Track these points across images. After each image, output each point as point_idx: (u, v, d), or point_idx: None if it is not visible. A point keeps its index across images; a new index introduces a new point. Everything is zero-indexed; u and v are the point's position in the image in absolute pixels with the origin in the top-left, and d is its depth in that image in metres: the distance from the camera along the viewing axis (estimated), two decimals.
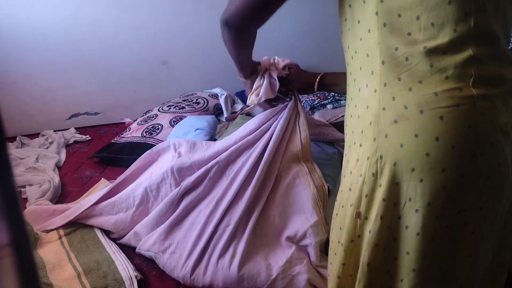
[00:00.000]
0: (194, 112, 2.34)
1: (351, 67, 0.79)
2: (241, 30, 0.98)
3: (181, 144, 1.58)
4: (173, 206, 1.40)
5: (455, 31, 0.65)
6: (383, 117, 0.70)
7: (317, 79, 1.29)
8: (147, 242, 1.40)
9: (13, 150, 2.24)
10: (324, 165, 1.49)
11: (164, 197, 1.43)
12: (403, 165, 0.68)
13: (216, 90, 2.64)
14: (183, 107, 2.37)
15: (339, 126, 2.11)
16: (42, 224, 1.56)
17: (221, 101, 2.50)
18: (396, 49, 0.68)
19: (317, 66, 2.93)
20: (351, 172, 0.77)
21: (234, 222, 1.31)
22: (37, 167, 1.99)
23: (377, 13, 0.68)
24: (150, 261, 1.44)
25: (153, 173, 1.51)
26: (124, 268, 1.32)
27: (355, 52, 0.75)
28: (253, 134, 1.44)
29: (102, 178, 1.95)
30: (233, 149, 1.42)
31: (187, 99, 2.48)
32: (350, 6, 0.74)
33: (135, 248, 1.46)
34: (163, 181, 1.44)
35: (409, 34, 0.67)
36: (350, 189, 0.77)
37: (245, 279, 1.24)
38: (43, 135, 2.48)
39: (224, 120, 2.39)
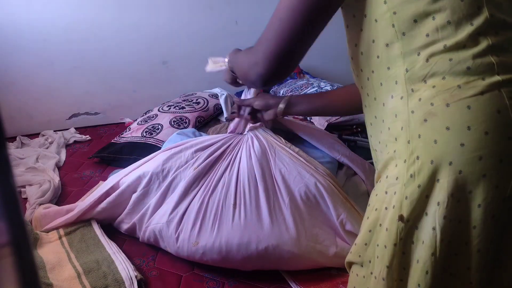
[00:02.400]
0: (194, 112, 2.34)
1: (368, 88, 0.80)
2: (273, 83, 0.89)
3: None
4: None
5: (472, 25, 0.67)
6: (413, 119, 0.71)
7: (283, 100, 1.36)
8: (156, 217, 1.44)
9: (13, 150, 2.24)
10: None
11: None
12: (440, 160, 0.69)
13: (216, 90, 2.63)
14: (183, 107, 2.37)
15: (339, 127, 2.12)
16: (57, 222, 1.57)
17: (221, 101, 2.49)
18: (419, 54, 0.70)
19: (318, 67, 2.94)
20: (387, 177, 0.78)
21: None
22: (37, 167, 1.99)
23: (393, 25, 0.71)
24: (150, 261, 1.44)
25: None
26: (124, 268, 1.32)
27: (372, 71, 0.77)
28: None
29: (101, 181, 1.95)
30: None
31: (187, 99, 2.48)
32: (361, 30, 0.76)
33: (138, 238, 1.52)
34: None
35: (427, 35, 0.69)
36: (386, 192, 0.78)
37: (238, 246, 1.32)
38: (43, 135, 2.48)
39: (224, 120, 2.39)
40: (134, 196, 1.52)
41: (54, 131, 2.53)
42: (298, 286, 1.33)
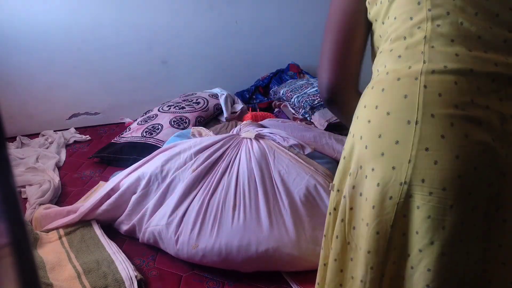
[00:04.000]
0: (194, 112, 2.34)
1: None
2: (344, 94, 0.85)
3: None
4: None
5: (411, 19, 0.72)
6: (360, 102, 0.79)
7: None
8: (156, 218, 1.44)
9: (13, 150, 2.24)
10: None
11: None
12: (357, 134, 0.75)
13: (216, 90, 2.64)
14: (183, 107, 2.37)
15: (339, 126, 2.11)
16: (57, 223, 1.57)
17: (221, 101, 2.50)
18: (378, 48, 0.79)
19: (317, 66, 2.93)
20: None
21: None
22: (37, 167, 1.99)
23: (373, 33, 0.82)
24: (150, 261, 1.44)
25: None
26: (124, 268, 1.32)
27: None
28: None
29: (101, 181, 1.95)
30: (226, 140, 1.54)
31: (187, 99, 2.48)
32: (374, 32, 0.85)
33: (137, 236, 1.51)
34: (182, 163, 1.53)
35: (386, 32, 0.76)
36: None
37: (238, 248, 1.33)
38: (43, 135, 2.48)
39: (224, 120, 2.39)
40: (134, 197, 1.52)
41: (54, 131, 2.53)
42: (299, 286, 1.33)
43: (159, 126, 2.23)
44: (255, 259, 1.31)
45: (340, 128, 2.12)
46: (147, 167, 1.55)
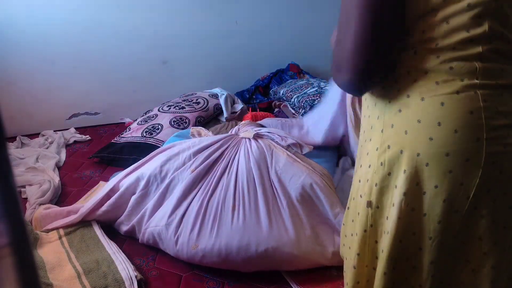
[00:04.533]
0: (194, 112, 2.34)
1: None
2: (370, 87, 0.75)
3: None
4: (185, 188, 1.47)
5: (468, 32, 0.67)
6: (389, 109, 0.73)
7: None
8: (155, 219, 1.44)
9: (13, 150, 2.24)
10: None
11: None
12: (409, 151, 0.70)
13: (216, 90, 2.64)
14: (183, 107, 2.37)
15: None
16: (58, 224, 1.57)
17: (221, 101, 2.50)
18: (412, 48, 0.70)
19: (318, 67, 2.94)
20: (361, 166, 0.80)
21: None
22: (37, 167, 1.99)
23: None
24: (150, 261, 1.44)
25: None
26: (124, 268, 1.32)
27: None
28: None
29: (101, 181, 1.95)
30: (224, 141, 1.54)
31: (187, 99, 2.48)
32: None
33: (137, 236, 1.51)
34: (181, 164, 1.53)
35: (423, 31, 0.69)
36: (359, 181, 0.80)
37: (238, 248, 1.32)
38: (43, 135, 2.48)
39: (224, 120, 2.39)
40: (133, 198, 1.52)
41: (54, 131, 2.53)
42: (299, 286, 1.33)
43: (159, 126, 2.23)
44: (255, 259, 1.31)
45: None
46: (146, 168, 1.55)
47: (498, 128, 0.68)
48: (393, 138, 0.72)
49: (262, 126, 1.73)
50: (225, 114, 2.42)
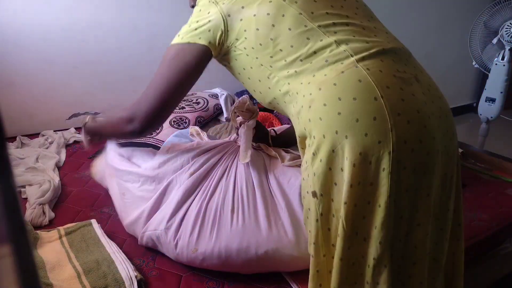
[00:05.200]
0: (194, 112, 2.34)
1: (290, 101, 0.99)
2: (152, 129, 1.22)
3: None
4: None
5: (308, 39, 0.88)
6: (303, 111, 0.86)
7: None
8: (154, 222, 1.43)
9: (13, 150, 2.24)
10: None
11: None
12: (328, 132, 0.79)
13: (216, 90, 2.64)
14: (183, 107, 2.37)
15: None
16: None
17: (221, 101, 2.50)
18: (288, 71, 0.90)
19: None
20: (302, 165, 0.91)
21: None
22: (37, 167, 1.99)
23: (262, 65, 0.95)
24: (150, 261, 1.44)
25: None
26: (124, 268, 1.32)
27: (279, 90, 1.00)
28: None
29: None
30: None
31: (187, 99, 2.48)
32: (251, 67, 1.04)
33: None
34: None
35: (285, 60, 0.91)
36: (303, 179, 0.89)
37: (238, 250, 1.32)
38: (43, 135, 2.48)
39: (224, 120, 2.39)
40: (128, 199, 1.51)
41: (54, 131, 2.53)
42: (299, 286, 1.33)
43: (159, 126, 2.23)
44: (255, 261, 1.31)
45: None
46: (143, 169, 1.54)
47: (390, 86, 0.78)
48: (314, 129, 0.83)
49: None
50: (225, 114, 2.42)
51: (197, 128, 1.80)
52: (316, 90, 0.83)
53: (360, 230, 0.82)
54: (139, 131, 1.11)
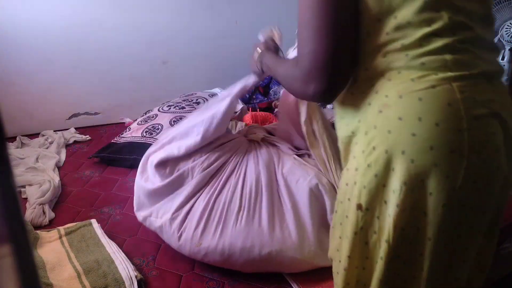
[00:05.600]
0: (194, 112, 2.34)
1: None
2: (338, 93, 0.78)
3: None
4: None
5: (430, 26, 0.70)
6: (370, 111, 0.74)
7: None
8: (161, 210, 1.43)
9: (13, 150, 2.24)
10: None
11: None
12: (394, 150, 0.71)
13: (216, 90, 2.64)
14: (183, 107, 2.37)
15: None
16: None
17: None
18: (379, 51, 0.73)
19: None
20: (347, 169, 0.81)
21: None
22: (37, 167, 1.99)
23: (360, 25, 0.74)
24: (150, 261, 1.44)
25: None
26: (124, 268, 1.32)
27: None
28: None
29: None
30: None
31: (187, 99, 2.48)
32: None
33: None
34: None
35: (387, 34, 0.72)
36: (347, 184, 0.80)
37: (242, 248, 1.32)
38: (43, 135, 2.49)
39: None
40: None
41: (54, 131, 2.53)
42: (300, 286, 1.33)
43: (159, 126, 2.23)
44: (257, 261, 1.31)
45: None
46: (174, 150, 1.48)
47: (478, 118, 0.69)
48: (377, 139, 0.73)
49: (270, 132, 1.70)
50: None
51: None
52: (394, 95, 0.71)
53: (403, 255, 0.77)
54: (322, 94, 0.75)
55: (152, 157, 1.49)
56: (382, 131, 0.72)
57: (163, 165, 1.47)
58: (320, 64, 0.71)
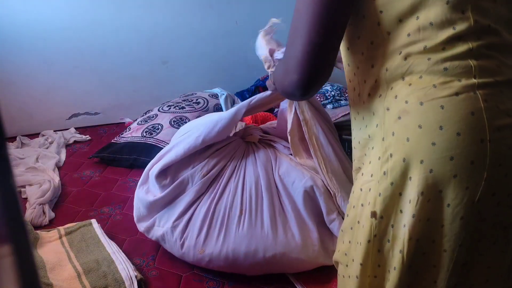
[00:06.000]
0: (194, 112, 2.34)
1: (354, 83, 0.81)
2: (316, 89, 0.78)
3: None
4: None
5: (454, 29, 0.66)
6: (388, 117, 0.71)
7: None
8: (162, 218, 1.41)
9: (13, 150, 2.24)
10: None
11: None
12: (412, 158, 0.69)
13: (216, 90, 2.64)
14: (183, 107, 2.37)
15: (339, 126, 2.11)
16: None
17: (221, 101, 2.50)
18: (400, 53, 0.70)
19: None
20: (362, 174, 0.78)
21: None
22: (37, 167, 1.99)
23: (379, 24, 0.71)
24: (150, 261, 1.44)
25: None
26: (124, 268, 1.32)
27: (357, 67, 0.78)
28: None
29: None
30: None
31: (187, 99, 2.48)
32: (349, 24, 0.76)
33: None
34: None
35: (408, 35, 0.69)
36: (361, 189, 0.78)
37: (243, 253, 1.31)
38: (43, 135, 2.48)
39: None
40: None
41: (54, 131, 2.53)
42: (304, 286, 1.33)
43: (159, 126, 2.23)
44: (262, 264, 1.31)
45: (340, 128, 2.12)
46: (173, 154, 1.45)
47: (501, 128, 0.67)
48: (395, 146, 0.70)
49: (266, 132, 1.70)
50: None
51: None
52: (415, 101, 0.68)
53: (416, 265, 0.75)
54: (298, 85, 0.76)
55: (152, 169, 1.47)
56: (400, 139, 0.69)
57: (164, 174, 1.44)
58: (306, 56, 0.72)
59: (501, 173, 0.67)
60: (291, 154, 1.51)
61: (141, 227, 1.46)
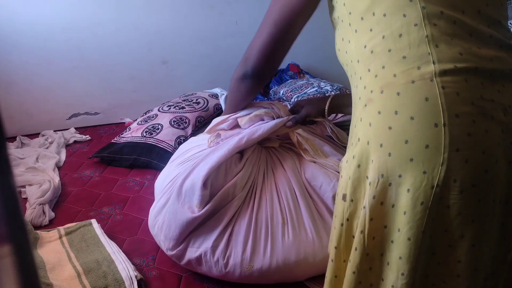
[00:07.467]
0: (194, 112, 2.34)
1: (351, 80, 0.87)
2: (264, 77, 1.12)
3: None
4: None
5: (404, 16, 0.71)
6: (359, 105, 0.78)
7: (328, 100, 1.34)
8: (198, 239, 1.28)
9: (13, 150, 2.24)
10: None
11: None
12: (373, 142, 0.73)
13: (216, 90, 2.64)
14: (183, 107, 2.37)
15: (339, 126, 2.11)
16: None
17: (221, 101, 2.49)
18: (365, 46, 0.77)
19: (318, 67, 2.94)
20: (341, 161, 0.84)
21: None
22: (37, 167, 1.99)
23: (350, 24, 0.79)
24: (150, 261, 1.44)
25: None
26: (124, 268, 1.32)
27: (346, 65, 0.86)
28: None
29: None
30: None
31: (187, 99, 2.48)
32: (336, 28, 0.87)
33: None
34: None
35: (370, 30, 0.75)
36: (341, 176, 0.83)
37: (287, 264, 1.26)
38: (43, 135, 2.48)
39: None
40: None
41: (54, 131, 2.53)
42: (317, 285, 1.32)
43: (159, 126, 2.23)
44: (313, 269, 1.28)
45: (341, 128, 2.12)
46: (210, 160, 1.31)
47: (461, 115, 0.67)
48: (361, 131, 0.75)
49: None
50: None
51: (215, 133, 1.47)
52: (377, 90, 0.73)
53: (385, 252, 0.75)
54: (250, 73, 1.10)
55: (189, 180, 1.28)
56: (365, 124, 0.75)
57: (205, 186, 1.27)
58: (263, 49, 1.03)
59: (460, 159, 0.67)
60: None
61: (172, 251, 1.31)
